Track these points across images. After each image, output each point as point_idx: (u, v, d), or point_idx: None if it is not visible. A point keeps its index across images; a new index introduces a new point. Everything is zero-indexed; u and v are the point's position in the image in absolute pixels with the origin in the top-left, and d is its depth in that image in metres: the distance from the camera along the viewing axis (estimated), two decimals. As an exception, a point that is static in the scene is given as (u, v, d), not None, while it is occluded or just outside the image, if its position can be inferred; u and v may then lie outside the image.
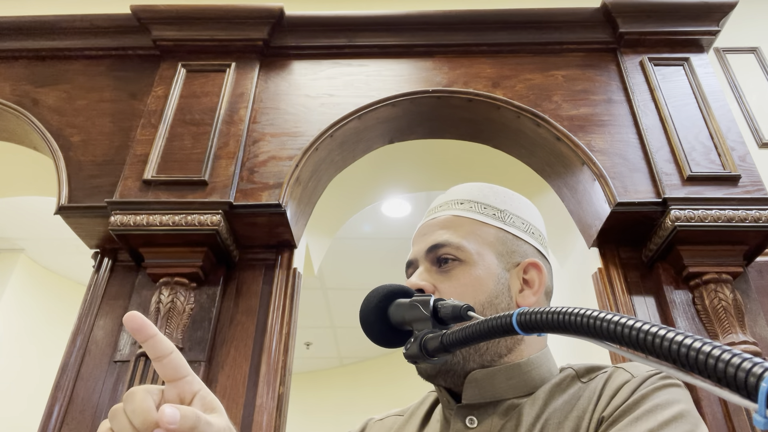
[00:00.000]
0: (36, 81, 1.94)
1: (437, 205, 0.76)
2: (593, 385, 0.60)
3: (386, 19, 1.98)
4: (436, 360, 0.53)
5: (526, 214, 0.75)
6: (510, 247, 0.70)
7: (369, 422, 0.77)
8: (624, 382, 0.57)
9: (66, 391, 1.48)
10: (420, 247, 0.71)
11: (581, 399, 0.59)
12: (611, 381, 0.59)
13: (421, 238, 0.72)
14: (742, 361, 0.27)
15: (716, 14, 1.90)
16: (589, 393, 0.60)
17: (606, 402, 0.57)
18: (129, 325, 0.46)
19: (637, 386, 0.56)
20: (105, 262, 1.71)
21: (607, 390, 0.58)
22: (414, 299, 0.56)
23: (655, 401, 0.53)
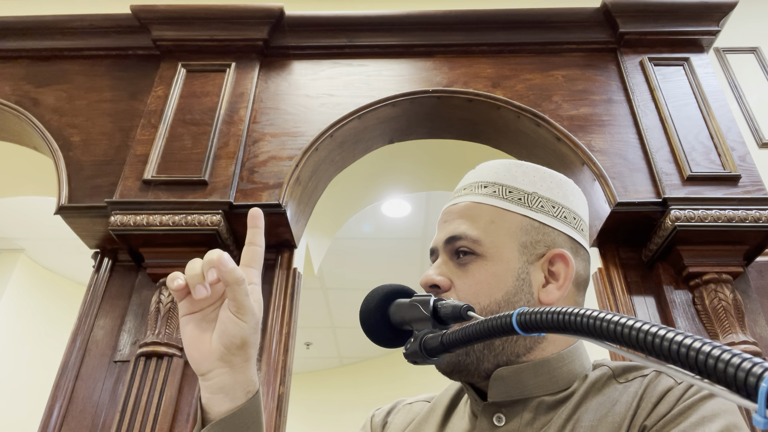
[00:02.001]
0: (36, 81, 1.94)
1: (462, 187, 0.72)
2: (632, 389, 0.57)
3: (386, 19, 1.98)
4: (436, 360, 0.53)
5: (559, 195, 0.68)
6: (535, 237, 0.65)
7: (399, 404, 0.77)
8: (668, 389, 0.54)
9: (66, 391, 1.48)
10: (440, 236, 0.68)
11: (618, 403, 0.56)
12: (654, 386, 0.56)
13: (442, 225, 0.69)
14: (742, 361, 0.27)
15: (716, 14, 1.90)
16: (627, 397, 0.56)
17: (649, 410, 0.53)
18: (252, 213, 0.60)
19: (682, 394, 0.53)
20: (105, 262, 1.71)
21: (650, 396, 0.55)
22: (414, 299, 0.56)
23: (702, 413, 0.50)
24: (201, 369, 0.56)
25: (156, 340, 1.46)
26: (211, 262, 0.53)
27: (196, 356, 0.56)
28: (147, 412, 1.38)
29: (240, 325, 0.55)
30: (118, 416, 1.38)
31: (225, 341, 0.55)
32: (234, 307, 0.55)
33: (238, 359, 0.56)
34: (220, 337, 0.55)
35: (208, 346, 0.56)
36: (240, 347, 0.55)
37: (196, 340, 0.56)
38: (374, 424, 0.76)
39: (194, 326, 0.57)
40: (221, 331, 0.55)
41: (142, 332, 1.53)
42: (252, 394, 0.57)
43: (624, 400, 0.56)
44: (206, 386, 0.56)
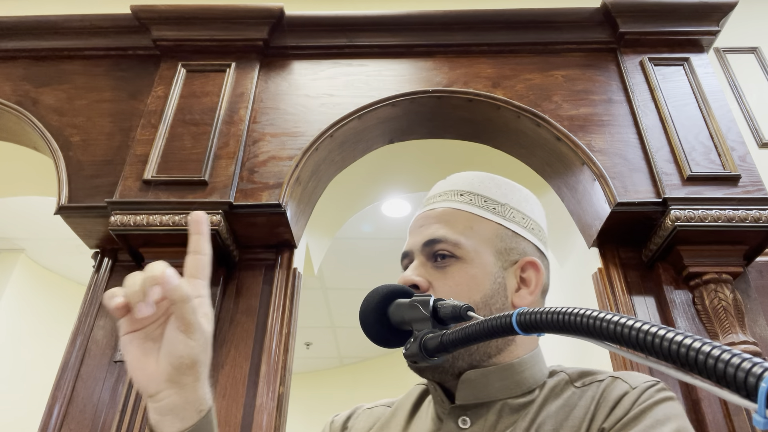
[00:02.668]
0: (36, 81, 1.94)
1: (436, 194, 0.74)
2: (589, 393, 0.60)
3: (386, 19, 1.98)
4: (436, 360, 0.53)
5: (527, 208, 0.73)
6: (508, 245, 0.69)
7: (358, 410, 0.77)
8: (623, 394, 0.58)
9: (66, 391, 1.48)
10: (416, 240, 0.70)
11: (577, 407, 0.59)
12: (610, 391, 0.59)
13: (417, 229, 0.71)
14: (742, 361, 0.27)
15: (716, 14, 1.90)
16: (585, 401, 0.60)
17: (606, 413, 0.57)
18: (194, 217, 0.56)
19: (636, 398, 0.57)
20: (105, 262, 1.71)
21: (606, 400, 0.58)
22: (414, 299, 0.56)
23: (655, 416, 0.54)
24: (148, 391, 0.52)
25: (156, 340, 1.46)
26: (154, 278, 0.49)
27: (142, 378, 0.52)
28: (147, 412, 1.38)
29: (189, 345, 0.52)
30: (118, 416, 1.38)
31: (173, 362, 0.51)
32: (182, 325, 0.51)
33: (188, 379, 0.52)
34: (168, 358, 0.52)
35: (154, 367, 0.52)
36: (190, 367, 0.52)
37: (141, 361, 0.52)
38: (333, 429, 0.77)
39: (138, 346, 0.53)
40: (169, 351, 0.52)
41: (142, 332, 1.52)
42: (204, 412, 0.54)
43: (582, 404, 0.59)
44: (154, 408, 0.53)
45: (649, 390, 0.57)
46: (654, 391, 0.57)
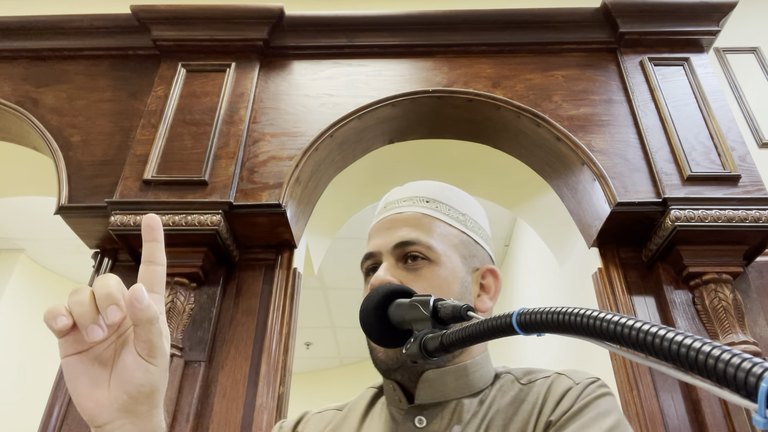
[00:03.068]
0: (36, 81, 1.94)
1: (399, 199, 0.75)
2: (536, 389, 0.64)
3: (386, 19, 1.99)
4: (436, 360, 0.53)
5: (481, 219, 0.77)
6: (471, 252, 0.72)
7: (307, 414, 0.77)
8: (568, 389, 0.62)
9: (66, 391, 1.48)
10: (385, 241, 0.70)
11: (525, 402, 0.63)
12: (555, 386, 0.63)
13: (385, 231, 0.71)
14: (742, 361, 0.27)
15: (716, 14, 1.90)
16: (532, 396, 0.63)
17: (552, 406, 0.60)
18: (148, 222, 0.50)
19: (580, 393, 0.61)
20: (105, 262, 1.71)
21: (553, 394, 0.62)
22: (414, 299, 0.56)
23: (597, 409, 0.58)
24: (96, 421, 0.46)
25: (156, 340, 1.46)
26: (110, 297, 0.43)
27: (90, 407, 0.45)
28: None
29: (149, 371, 0.46)
30: (118, 416, 1.38)
31: (130, 390, 0.46)
32: (145, 349, 0.46)
33: (144, 407, 0.47)
34: (125, 386, 0.46)
35: (105, 395, 0.46)
36: (148, 395, 0.47)
37: (89, 388, 0.46)
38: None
39: (84, 371, 0.46)
40: (125, 378, 0.46)
41: (142, 332, 1.52)
42: None
43: (530, 399, 0.63)
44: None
45: (591, 386, 0.62)
46: (595, 387, 0.62)
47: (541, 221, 2.16)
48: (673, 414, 1.40)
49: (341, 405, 0.77)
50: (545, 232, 2.18)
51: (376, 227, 0.74)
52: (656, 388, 1.43)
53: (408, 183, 0.78)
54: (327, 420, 0.74)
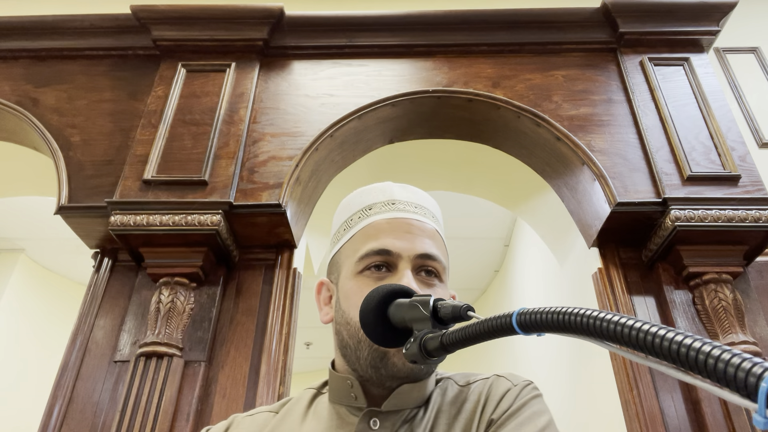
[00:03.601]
0: (36, 81, 1.94)
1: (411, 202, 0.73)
2: (476, 390, 0.67)
3: (386, 19, 1.99)
4: (436, 360, 0.53)
5: None
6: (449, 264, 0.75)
7: (236, 419, 0.74)
8: (507, 390, 0.66)
9: (66, 391, 1.48)
10: (408, 246, 0.67)
11: (467, 402, 0.66)
12: (496, 387, 0.67)
13: (406, 235, 0.68)
14: (742, 361, 0.27)
15: (716, 14, 1.90)
16: (474, 396, 0.67)
17: (494, 405, 0.64)
18: None
19: (517, 394, 0.65)
20: (105, 262, 1.71)
21: (494, 395, 0.65)
22: (414, 299, 0.56)
23: (533, 409, 0.63)
24: None
25: (156, 340, 1.46)
26: None
27: None
28: (147, 412, 1.38)
29: None
30: (118, 416, 1.38)
31: None
32: None
33: None
34: None
35: None
36: None
37: None
38: None
39: None
40: None
41: (142, 332, 1.53)
42: None
43: (471, 399, 0.66)
44: None
45: (527, 388, 0.66)
46: (530, 389, 0.66)
47: (541, 221, 2.16)
48: (673, 414, 1.40)
49: (273, 407, 0.75)
50: (545, 232, 2.18)
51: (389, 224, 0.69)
52: (656, 388, 1.43)
53: (405, 185, 0.76)
54: (260, 423, 0.72)
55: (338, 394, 0.69)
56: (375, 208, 0.72)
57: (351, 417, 0.66)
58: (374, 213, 0.71)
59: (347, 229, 0.72)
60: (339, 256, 0.72)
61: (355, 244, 0.69)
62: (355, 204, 0.74)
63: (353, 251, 0.69)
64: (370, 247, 0.67)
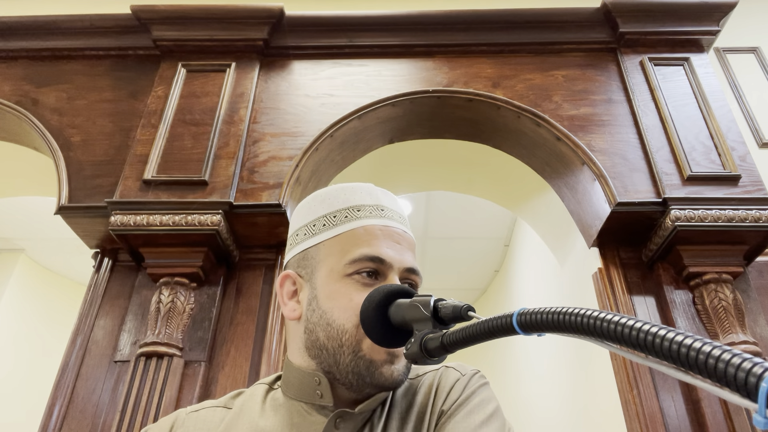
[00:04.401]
0: (36, 81, 1.94)
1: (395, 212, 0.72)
2: (427, 381, 0.68)
3: (386, 19, 1.99)
4: (436, 360, 0.53)
5: None
6: None
7: (179, 415, 0.71)
8: (456, 380, 0.67)
9: (66, 391, 1.48)
10: (399, 258, 0.67)
11: (418, 394, 0.67)
12: (445, 378, 0.68)
13: (396, 246, 0.68)
14: (742, 361, 0.27)
15: (716, 14, 1.90)
16: (424, 389, 0.68)
17: (444, 397, 0.65)
18: None
19: (466, 383, 0.66)
20: (105, 262, 1.71)
21: (443, 386, 0.67)
22: (414, 299, 0.56)
23: (481, 396, 0.65)
24: None
25: (156, 340, 1.46)
26: None
27: None
28: (147, 412, 1.38)
29: None
30: (118, 416, 1.38)
31: None
32: None
33: None
34: None
35: None
36: None
37: None
38: None
39: None
40: None
41: (142, 332, 1.53)
42: None
43: (422, 391, 0.67)
44: None
45: (475, 376, 0.67)
46: (478, 377, 0.67)
47: (541, 221, 2.16)
48: (673, 414, 1.40)
49: (223, 401, 0.72)
50: (545, 232, 2.18)
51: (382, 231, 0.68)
52: (656, 388, 1.43)
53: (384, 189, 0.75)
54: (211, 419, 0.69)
55: (298, 390, 0.66)
56: (364, 211, 0.70)
57: (313, 415, 0.64)
58: (364, 216, 0.69)
59: (329, 225, 0.69)
60: (316, 252, 0.68)
61: (342, 245, 0.67)
62: (338, 200, 0.71)
63: (340, 251, 0.66)
64: (364, 252, 0.65)
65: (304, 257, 0.70)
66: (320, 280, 0.66)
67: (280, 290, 0.71)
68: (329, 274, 0.66)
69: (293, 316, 0.68)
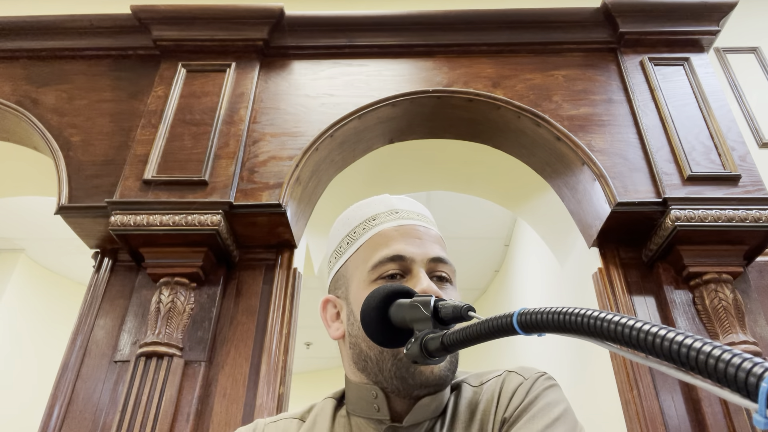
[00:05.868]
0: (36, 81, 1.94)
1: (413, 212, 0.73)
2: (489, 388, 0.66)
3: (386, 19, 1.99)
4: (436, 360, 0.53)
5: None
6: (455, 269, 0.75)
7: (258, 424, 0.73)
8: (518, 385, 0.64)
9: (66, 391, 1.48)
10: (421, 251, 0.68)
11: (480, 402, 0.65)
12: (506, 384, 0.65)
13: (416, 240, 0.69)
14: (743, 361, 0.27)
15: (716, 14, 1.90)
16: (487, 396, 0.65)
17: (505, 404, 0.63)
18: None
19: (529, 387, 0.63)
20: (105, 262, 1.71)
21: (505, 392, 0.64)
22: (415, 299, 0.56)
23: (545, 400, 0.61)
24: None
25: (156, 340, 1.46)
26: None
27: None
28: (147, 412, 1.38)
29: None
30: (118, 416, 1.38)
31: None
32: None
33: None
34: None
35: None
36: None
37: None
38: None
39: None
40: None
41: (142, 332, 1.53)
42: None
43: (484, 399, 0.65)
44: None
45: (540, 379, 0.64)
46: (543, 380, 0.64)
47: (541, 221, 2.16)
48: (673, 414, 1.40)
49: (297, 414, 0.74)
50: (545, 232, 2.18)
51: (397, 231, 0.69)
52: (656, 388, 1.43)
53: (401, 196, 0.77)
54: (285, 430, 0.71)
55: (358, 405, 0.67)
56: (379, 218, 0.71)
57: (369, 429, 0.65)
58: (379, 223, 0.70)
59: (351, 242, 0.71)
60: (345, 270, 0.71)
61: (364, 254, 0.68)
62: (356, 218, 0.73)
63: (363, 261, 0.68)
64: (383, 254, 0.66)
65: (338, 278, 0.72)
66: (353, 294, 0.68)
67: (323, 315, 0.73)
68: (359, 285, 0.67)
69: (338, 335, 0.70)
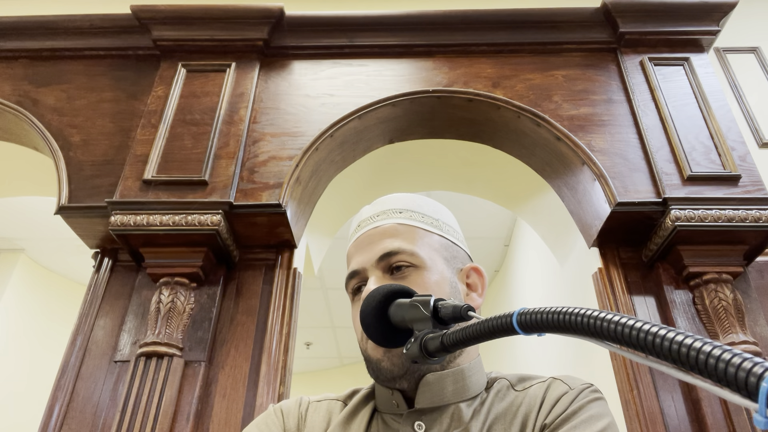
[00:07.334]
0: (36, 81, 1.94)
1: (372, 215, 0.76)
2: (532, 393, 0.66)
3: (386, 19, 1.99)
4: (436, 360, 0.53)
5: (453, 222, 0.79)
6: (452, 253, 0.74)
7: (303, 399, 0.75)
8: (563, 393, 0.64)
9: (66, 391, 1.48)
10: (368, 257, 0.70)
11: (522, 406, 0.65)
12: (551, 391, 0.65)
13: (366, 247, 0.71)
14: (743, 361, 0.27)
15: (716, 14, 1.90)
16: (529, 400, 0.65)
17: (548, 410, 0.63)
18: None
19: (574, 398, 0.63)
20: (105, 262, 1.71)
21: (548, 399, 0.64)
22: (414, 299, 0.56)
23: (589, 412, 0.61)
24: None
25: (156, 340, 1.46)
26: None
27: None
28: (147, 412, 1.38)
29: None
30: (118, 416, 1.38)
31: None
32: None
33: None
34: None
35: None
36: None
37: None
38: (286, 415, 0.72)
39: None
40: None
41: (142, 332, 1.53)
42: None
43: (526, 403, 0.65)
44: None
45: (585, 390, 0.64)
46: (589, 392, 0.64)
47: (541, 221, 2.16)
48: (673, 414, 1.40)
49: (342, 396, 0.76)
50: (545, 232, 2.18)
51: (354, 246, 0.74)
52: (656, 388, 1.43)
53: (376, 199, 0.79)
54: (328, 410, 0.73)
55: (382, 402, 0.70)
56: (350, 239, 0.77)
57: (395, 424, 0.67)
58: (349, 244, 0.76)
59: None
60: None
61: None
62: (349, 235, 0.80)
63: None
64: (346, 275, 0.73)
65: None
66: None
67: None
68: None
69: None
